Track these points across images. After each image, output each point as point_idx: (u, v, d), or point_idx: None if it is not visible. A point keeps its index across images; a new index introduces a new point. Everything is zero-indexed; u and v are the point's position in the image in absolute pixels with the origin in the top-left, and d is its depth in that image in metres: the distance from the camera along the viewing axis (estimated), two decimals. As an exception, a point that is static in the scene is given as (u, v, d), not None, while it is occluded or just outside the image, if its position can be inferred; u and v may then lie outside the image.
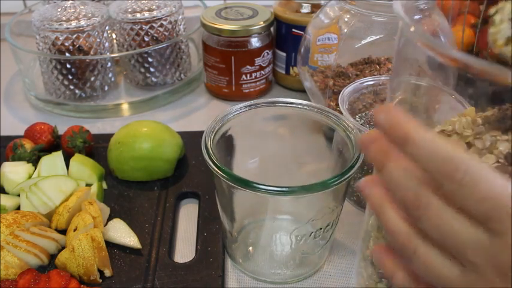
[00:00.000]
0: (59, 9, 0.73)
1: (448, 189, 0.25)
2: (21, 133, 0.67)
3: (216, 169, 0.42)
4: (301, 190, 0.40)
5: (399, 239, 0.28)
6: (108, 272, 0.49)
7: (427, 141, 0.26)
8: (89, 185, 0.59)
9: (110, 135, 0.64)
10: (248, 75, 0.77)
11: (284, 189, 0.39)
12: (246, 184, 0.40)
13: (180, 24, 0.80)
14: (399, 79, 0.36)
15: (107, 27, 0.77)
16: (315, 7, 0.75)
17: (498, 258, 0.24)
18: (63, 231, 0.53)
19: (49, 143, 0.65)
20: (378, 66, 0.65)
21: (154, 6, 0.76)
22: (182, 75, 0.83)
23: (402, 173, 0.27)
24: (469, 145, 0.36)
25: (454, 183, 0.24)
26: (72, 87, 0.76)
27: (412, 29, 0.30)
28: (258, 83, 0.79)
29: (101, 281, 0.48)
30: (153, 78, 0.80)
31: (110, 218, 0.55)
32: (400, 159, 0.28)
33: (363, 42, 0.62)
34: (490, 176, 0.24)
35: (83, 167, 0.59)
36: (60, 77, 0.75)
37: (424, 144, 0.26)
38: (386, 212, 0.29)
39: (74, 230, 0.51)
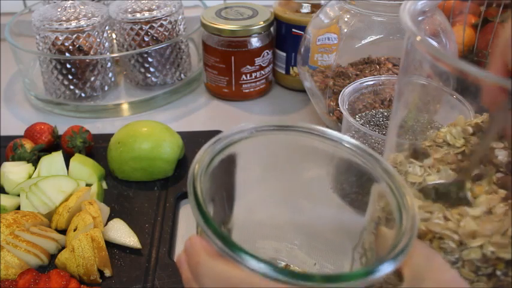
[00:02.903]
0: (59, 9, 0.73)
1: None
2: (21, 133, 0.67)
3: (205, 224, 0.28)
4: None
5: None
6: (108, 272, 0.49)
7: (208, 271, 0.27)
8: (89, 185, 0.59)
9: (110, 135, 0.64)
10: (248, 75, 0.77)
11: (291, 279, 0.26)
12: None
13: (180, 24, 0.80)
14: (407, 79, 0.37)
15: (107, 27, 0.77)
16: (315, 7, 0.75)
17: None
18: (63, 231, 0.53)
19: (49, 143, 0.65)
20: (377, 66, 0.65)
21: (154, 6, 0.76)
22: (182, 75, 0.83)
23: None
24: (464, 155, 0.36)
25: None
26: (72, 87, 0.76)
27: (418, 38, 0.30)
28: (258, 83, 0.79)
29: (101, 281, 0.48)
30: (153, 78, 0.80)
31: (110, 218, 0.55)
32: None
33: (363, 42, 0.62)
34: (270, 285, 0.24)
35: (83, 167, 0.59)
36: (60, 77, 0.75)
37: (205, 275, 0.27)
38: None
39: (74, 230, 0.51)
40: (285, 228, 0.42)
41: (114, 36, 0.82)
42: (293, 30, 0.75)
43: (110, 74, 0.79)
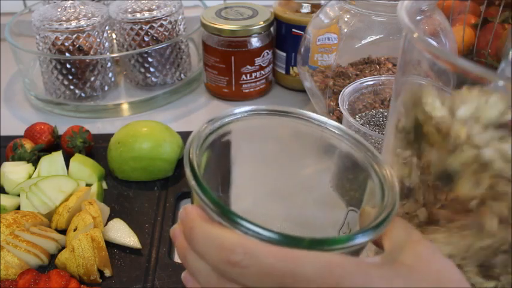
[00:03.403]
0: (59, 9, 0.73)
1: (236, 277, 0.25)
2: (21, 133, 0.67)
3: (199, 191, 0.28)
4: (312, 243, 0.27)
5: None
6: (108, 272, 0.49)
7: (203, 234, 0.26)
8: (89, 185, 0.59)
9: (110, 135, 0.64)
10: (248, 75, 0.77)
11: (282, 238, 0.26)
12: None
13: (180, 24, 0.80)
14: (404, 78, 0.36)
15: (107, 27, 0.77)
16: (315, 7, 0.75)
17: None
18: (63, 231, 0.53)
19: (49, 143, 0.65)
20: (377, 66, 0.65)
21: (154, 6, 0.76)
22: (182, 75, 0.83)
23: (199, 266, 0.27)
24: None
25: (236, 267, 0.24)
26: (72, 87, 0.76)
27: (415, 35, 0.30)
28: (258, 83, 0.79)
29: (101, 281, 0.48)
30: (153, 78, 0.80)
31: (110, 218, 0.55)
32: (195, 257, 0.27)
33: (363, 42, 0.62)
34: (271, 250, 0.24)
35: (83, 167, 0.59)
36: (60, 77, 0.75)
37: (200, 238, 0.26)
38: None
39: (74, 230, 0.51)
40: (273, 214, 0.42)
41: (114, 36, 0.82)
42: (293, 30, 0.75)
43: (110, 74, 0.79)
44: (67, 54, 0.73)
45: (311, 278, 0.24)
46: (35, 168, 0.60)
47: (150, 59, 0.78)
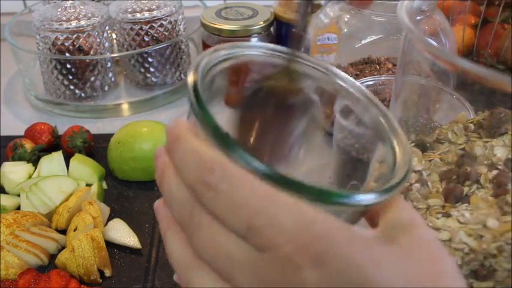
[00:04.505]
0: (59, 9, 0.73)
1: (208, 202, 0.21)
2: (21, 133, 0.67)
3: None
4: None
5: (178, 268, 0.23)
6: (108, 272, 0.49)
7: (185, 146, 0.22)
8: (89, 185, 0.59)
9: (110, 135, 0.64)
10: (248, 75, 0.77)
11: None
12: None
13: (180, 24, 0.80)
14: (404, 78, 0.37)
15: (107, 27, 0.77)
16: (315, 7, 0.75)
17: (262, 278, 0.20)
18: (63, 231, 0.53)
19: (49, 143, 0.65)
20: (377, 66, 0.65)
21: (154, 6, 0.76)
22: (182, 75, 0.83)
23: (175, 187, 0.23)
24: (465, 151, 0.36)
25: (211, 190, 0.21)
26: (72, 87, 0.76)
27: (415, 35, 0.30)
28: (258, 83, 0.78)
29: (101, 281, 0.48)
30: (153, 78, 0.80)
31: (110, 218, 0.55)
32: (173, 173, 0.23)
33: (363, 42, 0.62)
34: (252, 182, 0.20)
35: (83, 167, 0.59)
36: (60, 77, 0.75)
37: (182, 149, 0.22)
38: (167, 236, 0.24)
39: (74, 230, 0.51)
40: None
41: (114, 36, 0.82)
42: (293, 30, 0.75)
43: (110, 74, 0.79)
44: (67, 54, 0.73)
45: (287, 231, 0.20)
46: (35, 168, 0.60)
47: (150, 59, 0.78)
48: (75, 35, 0.72)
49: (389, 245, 0.22)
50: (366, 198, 0.22)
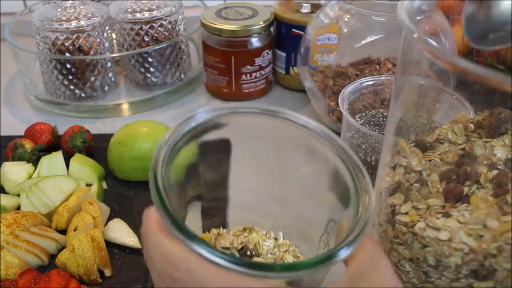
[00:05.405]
0: (59, 9, 0.73)
1: None
2: (21, 133, 0.67)
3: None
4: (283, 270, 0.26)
5: None
6: (108, 272, 0.49)
7: (153, 241, 0.27)
8: (89, 185, 0.59)
9: (110, 135, 0.64)
10: (248, 75, 0.77)
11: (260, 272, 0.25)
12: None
13: (180, 24, 0.80)
14: (403, 78, 0.37)
15: (106, 27, 0.77)
16: (315, 7, 0.75)
17: None
18: (63, 231, 0.53)
19: (49, 143, 0.65)
20: (377, 66, 0.65)
21: (154, 6, 0.76)
22: (182, 75, 0.83)
23: (152, 268, 0.28)
24: (465, 151, 0.36)
25: (177, 283, 0.25)
26: (72, 87, 0.76)
27: (415, 35, 0.30)
28: (258, 83, 0.79)
29: (101, 281, 0.48)
30: (153, 78, 0.80)
31: (110, 218, 0.55)
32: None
33: (363, 42, 0.62)
34: (210, 271, 0.24)
35: (83, 167, 0.59)
36: (60, 77, 0.75)
37: (151, 244, 0.27)
38: None
39: (74, 230, 0.51)
40: (259, 219, 0.42)
41: (114, 36, 0.82)
42: (293, 30, 0.75)
43: (110, 74, 0.79)
44: (67, 54, 0.73)
45: None
46: (35, 168, 0.60)
47: (150, 59, 0.78)
48: (75, 35, 0.72)
49: None
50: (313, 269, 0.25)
